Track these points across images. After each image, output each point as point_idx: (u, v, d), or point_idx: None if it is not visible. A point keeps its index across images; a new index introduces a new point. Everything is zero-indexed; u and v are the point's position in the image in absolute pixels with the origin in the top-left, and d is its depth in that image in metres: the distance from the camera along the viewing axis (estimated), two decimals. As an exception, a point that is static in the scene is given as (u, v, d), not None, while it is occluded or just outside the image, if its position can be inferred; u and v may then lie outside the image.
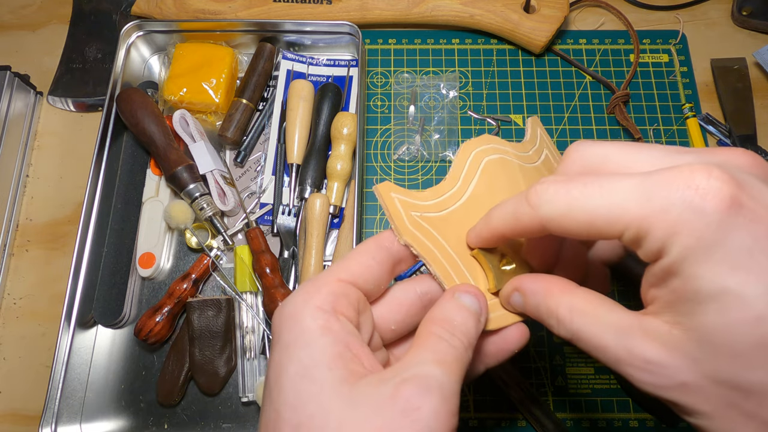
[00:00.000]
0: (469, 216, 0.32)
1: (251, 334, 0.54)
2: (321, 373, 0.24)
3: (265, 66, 0.63)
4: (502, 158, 0.34)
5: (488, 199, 0.32)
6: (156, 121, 0.57)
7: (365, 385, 0.24)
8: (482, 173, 0.33)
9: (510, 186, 0.33)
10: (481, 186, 0.33)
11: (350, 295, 0.27)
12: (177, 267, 0.58)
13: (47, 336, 0.57)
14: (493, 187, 0.33)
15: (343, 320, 0.26)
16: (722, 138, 0.62)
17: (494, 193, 0.33)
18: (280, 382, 0.24)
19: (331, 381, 0.24)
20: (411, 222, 0.30)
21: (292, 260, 0.56)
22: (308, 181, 0.57)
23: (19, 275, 0.60)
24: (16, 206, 0.62)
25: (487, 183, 0.33)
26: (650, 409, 0.51)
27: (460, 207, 0.32)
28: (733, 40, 0.68)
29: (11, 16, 0.72)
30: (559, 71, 0.66)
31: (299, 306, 0.26)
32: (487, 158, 0.33)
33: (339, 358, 0.24)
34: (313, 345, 0.25)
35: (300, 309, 0.26)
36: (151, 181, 0.60)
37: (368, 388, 0.24)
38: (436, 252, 0.30)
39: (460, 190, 0.33)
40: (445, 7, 0.65)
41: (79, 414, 0.53)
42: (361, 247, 0.29)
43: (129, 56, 0.63)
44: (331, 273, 0.28)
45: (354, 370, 0.24)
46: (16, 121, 0.63)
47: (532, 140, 0.37)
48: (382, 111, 0.65)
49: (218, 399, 0.53)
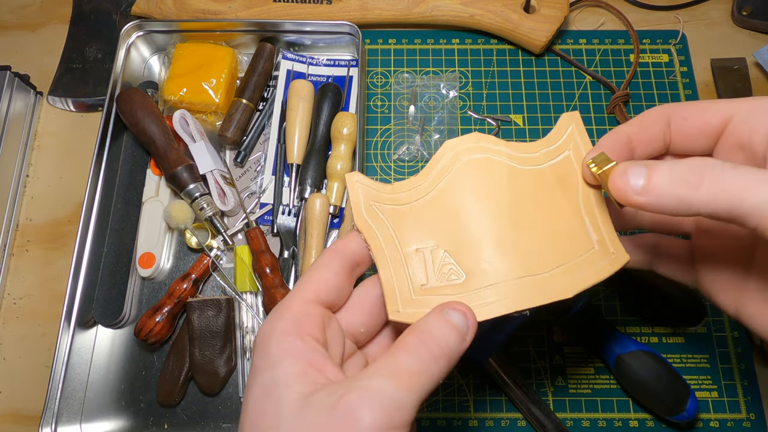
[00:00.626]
0: (428, 213, 0.32)
1: (251, 334, 0.54)
2: (279, 391, 0.25)
3: (265, 66, 0.63)
4: (487, 158, 0.33)
5: (453, 198, 0.32)
6: (156, 121, 0.57)
7: (317, 396, 0.25)
8: (456, 172, 0.33)
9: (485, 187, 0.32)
10: (450, 186, 0.32)
11: (312, 314, 0.28)
12: (177, 267, 0.58)
13: (47, 336, 0.57)
14: (462, 187, 0.32)
15: (308, 339, 0.27)
16: (722, 138, 0.62)
17: (462, 192, 0.32)
18: (246, 403, 0.27)
19: (288, 396, 0.25)
20: (367, 210, 0.32)
21: (292, 260, 0.56)
22: (308, 181, 0.57)
23: (19, 275, 0.60)
24: (16, 206, 0.62)
25: (457, 182, 0.32)
26: (650, 408, 0.51)
27: (422, 204, 0.32)
28: (733, 40, 0.68)
29: (11, 16, 0.72)
30: (559, 71, 0.66)
31: (266, 334, 0.28)
32: (467, 157, 0.33)
33: (300, 375, 0.26)
34: (276, 367, 0.26)
35: (267, 336, 0.28)
36: (151, 181, 0.60)
37: (319, 399, 0.25)
38: (381, 242, 0.31)
39: (427, 187, 0.32)
40: (445, 7, 0.65)
41: (79, 414, 0.53)
42: (319, 261, 0.31)
43: (129, 56, 0.63)
44: (294, 294, 0.29)
45: (317, 383, 0.26)
46: (16, 121, 0.63)
47: (552, 139, 0.34)
48: (382, 111, 0.65)
49: (218, 399, 0.53)
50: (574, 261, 0.31)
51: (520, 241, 0.31)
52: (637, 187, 0.27)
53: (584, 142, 0.33)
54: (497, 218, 0.32)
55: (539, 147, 0.34)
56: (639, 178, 0.27)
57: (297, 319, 0.28)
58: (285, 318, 0.28)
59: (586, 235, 0.32)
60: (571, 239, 0.32)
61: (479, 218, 0.32)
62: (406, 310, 0.30)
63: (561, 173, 0.33)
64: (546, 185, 0.33)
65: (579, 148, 0.33)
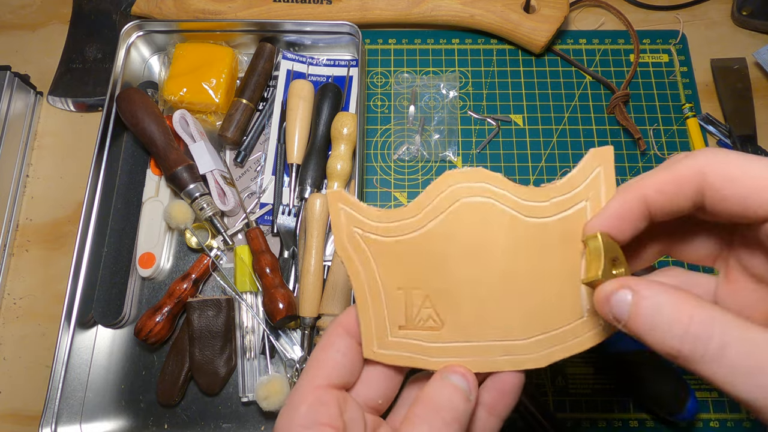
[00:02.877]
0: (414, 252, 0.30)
1: (251, 334, 0.54)
2: None
3: (265, 66, 0.63)
4: (488, 203, 0.29)
5: (443, 244, 0.29)
6: (156, 121, 0.57)
7: None
8: (450, 214, 0.29)
9: (480, 237, 0.29)
10: (442, 227, 0.29)
11: (327, 401, 0.28)
12: (177, 267, 0.58)
13: (47, 336, 0.57)
14: (454, 232, 0.29)
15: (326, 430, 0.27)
16: (722, 138, 0.62)
17: (454, 240, 0.29)
18: None
19: None
20: (349, 237, 0.30)
21: (292, 260, 0.56)
22: (308, 181, 0.57)
23: (19, 275, 0.60)
24: (16, 206, 0.62)
25: (450, 225, 0.29)
26: (650, 408, 0.51)
27: (409, 240, 0.30)
28: (733, 40, 0.68)
29: (11, 16, 0.72)
30: (559, 71, 0.66)
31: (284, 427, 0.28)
32: (467, 198, 0.29)
33: None
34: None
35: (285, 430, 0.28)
36: (151, 181, 0.60)
37: None
38: (362, 276, 0.30)
39: (417, 223, 0.30)
40: (445, 7, 0.65)
41: (79, 414, 0.53)
42: (325, 340, 0.30)
43: (129, 56, 0.63)
44: (306, 382, 0.29)
45: None
46: (16, 121, 0.63)
47: (570, 184, 0.29)
48: (382, 111, 0.65)
49: (218, 399, 0.53)
50: (556, 331, 0.29)
51: (504, 302, 0.30)
52: (620, 316, 0.24)
53: (608, 192, 0.28)
54: (486, 274, 0.29)
55: (551, 194, 0.29)
56: (624, 304, 0.23)
57: (313, 410, 0.28)
58: (300, 411, 0.28)
59: (578, 303, 0.29)
60: (560, 306, 0.29)
61: (467, 270, 0.30)
62: (381, 350, 0.30)
63: (568, 229, 0.29)
64: (547, 242, 0.29)
65: (600, 200, 0.28)
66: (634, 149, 0.62)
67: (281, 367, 0.53)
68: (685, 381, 0.49)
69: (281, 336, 0.54)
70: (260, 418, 0.53)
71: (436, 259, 0.30)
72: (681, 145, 0.62)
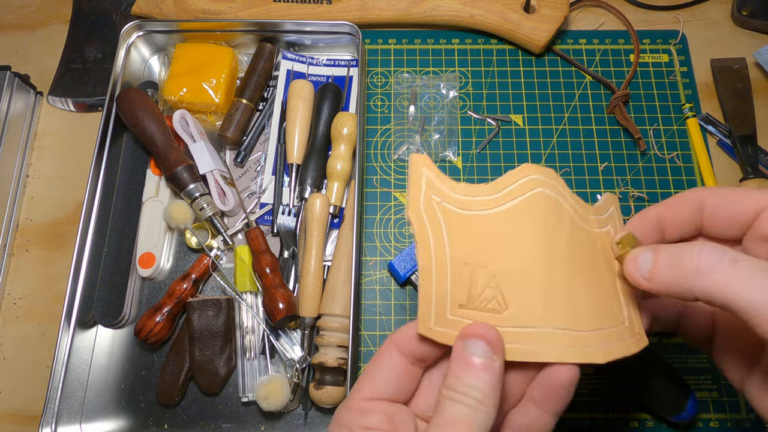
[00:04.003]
0: (490, 229, 0.29)
1: (251, 334, 0.54)
2: None
3: (265, 66, 0.63)
4: (557, 200, 0.31)
5: (518, 223, 0.30)
6: (156, 121, 0.57)
7: None
8: (529, 198, 0.30)
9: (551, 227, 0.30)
10: (522, 209, 0.30)
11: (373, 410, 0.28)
12: (177, 267, 0.58)
13: (47, 336, 0.57)
14: (530, 216, 0.30)
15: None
16: (722, 138, 0.62)
17: (529, 221, 0.30)
18: None
19: None
20: (426, 203, 0.29)
21: (292, 260, 0.56)
22: (308, 181, 0.57)
23: (19, 275, 0.60)
24: (16, 206, 0.62)
25: (527, 209, 0.30)
26: (650, 408, 0.51)
27: (489, 217, 0.29)
28: (733, 40, 0.68)
29: (11, 16, 0.72)
30: (559, 71, 0.66)
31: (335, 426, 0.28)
32: (542, 189, 0.30)
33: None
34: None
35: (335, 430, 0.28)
36: (151, 181, 0.60)
37: None
38: (431, 245, 0.28)
39: (497, 201, 0.30)
40: (445, 7, 0.65)
41: (79, 414, 0.53)
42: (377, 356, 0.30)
43: (129, 56, 0.63)
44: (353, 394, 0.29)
45: None
46: (16, 121, 0.63)
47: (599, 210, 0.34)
48: (382, 111, 0.65)
49: (218, 399, 0.53)
50: (610, 329, 0.30)
51: (570, 292, 0.30)
52: (644, 273, 0.28)
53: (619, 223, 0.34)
54: (554, 261, 0.30)
55: (590, 212, 0.33)
56: (646, 263, 0.28)
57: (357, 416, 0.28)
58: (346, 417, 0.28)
59: (621, 308, 0.31)
60: (609, 307, 0.31)
61: (538, 254, 0.29)
62: (437, 327, 0.28)
63: (605, 245, 0.33)
64: (594, 249, 0.32)
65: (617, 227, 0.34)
66: (634, 149, 0.62)
67: (281, 367, 0.53)
68: (685, 381, 0.49)
69: (281, 336, 0.54)
70: (260, 418, 0.53)
71: (510, 240, 0.29)
72: (681, 145, 0.62)
